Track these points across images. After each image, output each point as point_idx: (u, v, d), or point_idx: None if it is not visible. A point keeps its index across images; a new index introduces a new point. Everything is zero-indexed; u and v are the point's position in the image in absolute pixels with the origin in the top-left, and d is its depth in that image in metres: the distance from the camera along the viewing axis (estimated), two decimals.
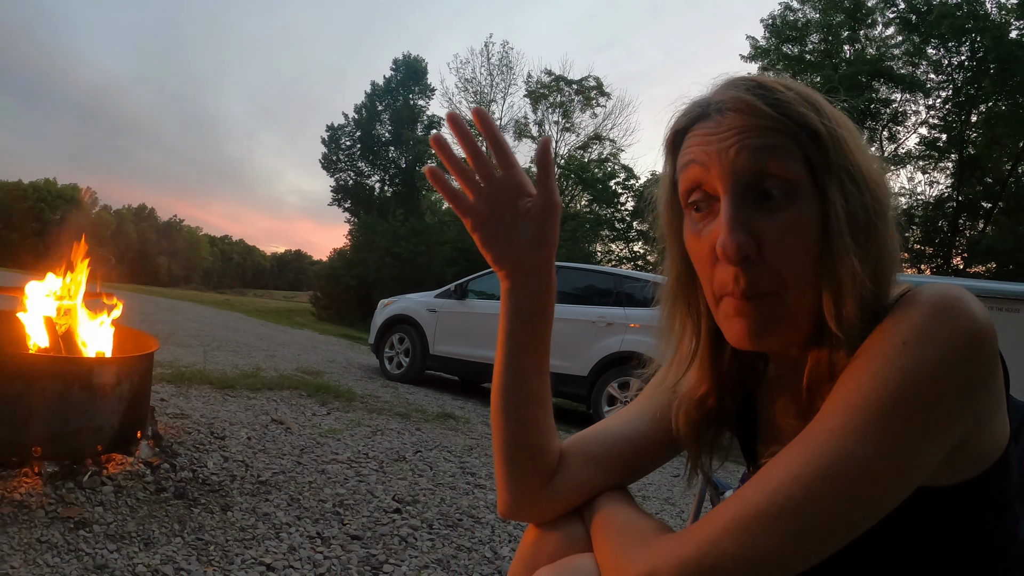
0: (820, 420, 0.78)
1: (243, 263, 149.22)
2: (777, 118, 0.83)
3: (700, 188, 0.88)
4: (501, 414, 1.10)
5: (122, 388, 3.30)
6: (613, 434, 1.14)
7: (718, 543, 0.78)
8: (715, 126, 0.86)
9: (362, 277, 28.62)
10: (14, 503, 2.73)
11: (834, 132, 0.83)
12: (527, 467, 1.09)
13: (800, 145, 0.82)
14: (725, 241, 0.82)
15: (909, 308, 0.77)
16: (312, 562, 2.79)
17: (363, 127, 42.10)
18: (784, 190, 0.82)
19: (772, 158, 0.82)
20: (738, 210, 0.83)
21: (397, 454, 4.78)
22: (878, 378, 0.74)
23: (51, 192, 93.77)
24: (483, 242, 1.05)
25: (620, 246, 33.12)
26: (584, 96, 34.02)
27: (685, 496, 5.22)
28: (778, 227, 0.82)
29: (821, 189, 0.82)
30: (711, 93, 0.91)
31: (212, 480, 3.45)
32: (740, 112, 0.84)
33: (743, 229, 0.82)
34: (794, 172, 0.82)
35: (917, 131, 26.94)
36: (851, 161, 0.83)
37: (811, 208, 0.82)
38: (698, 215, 0.90)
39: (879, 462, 0.72)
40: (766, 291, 0.83)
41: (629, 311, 8.03)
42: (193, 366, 6.99)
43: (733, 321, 0.87)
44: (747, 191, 0.84)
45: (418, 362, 9.41)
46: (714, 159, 0.85)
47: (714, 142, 0.85)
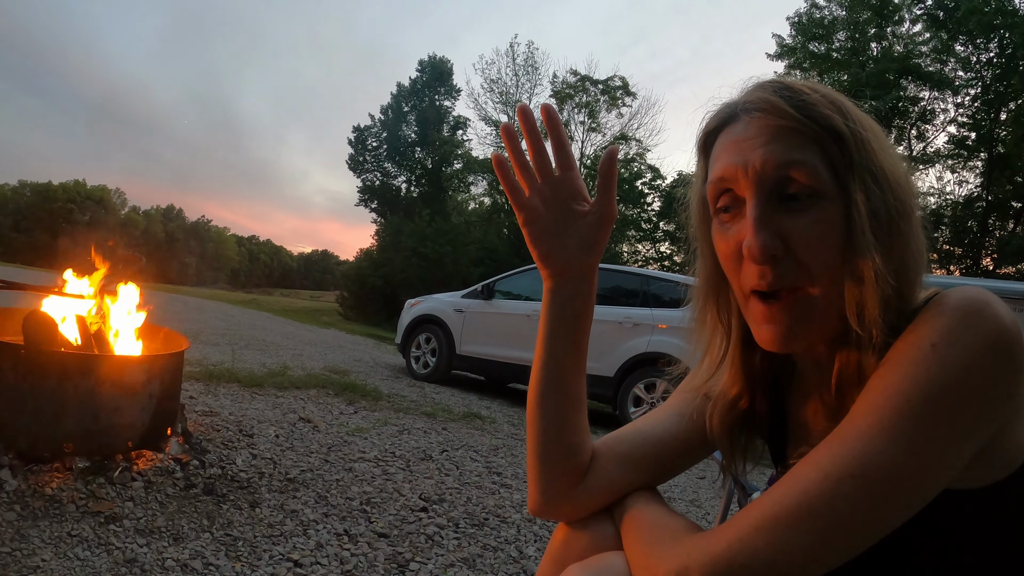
0: (850, 421, 0.79)
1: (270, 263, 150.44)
2: (802, 120, 0.84)
3: (729, 192, 0.90)
4: (538, 413, 1.11)
5: (152, 386, 3.33)
6: (645, 434, 1.15)
7: (748, 541, 0.78)
8: (743, 129, 0.89)
9: (388, 277, 28.76)
10: (46, 497, 2.77)
11: (858, 134, 0.85)
12: (560, 467, 1.10)
13: (824, 147, 0.84)
14: (751, 241, 0.85)
15: (937, 312, 0.77)
16: (339, 559, 2.80)
17: (389, 128, 42.30)
18: (808, 191, 0.84)
19: (797, 161, 0.84)
20: (763, 211, 0.85)
21: (424, 453, 4.79)
22: (907, 381, 0.74)
23: (80, 193, 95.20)
24: (532, 238, 1.06)
25: (647, 246, 33.04)
26: (610, 96, 33.89)
27: (711, 498, 5.18)
28: (803, 227, 0.84)
29: (844, 189, 0.84)
30: (739, 96, 0.93)
31: (241, 477, 3.47)
32: (766, 113, 0.87)
33: (769, 229, 0.84)
34: (818, 174, 0.84)
35: (946, 129, 26.56)
36: (875, 162, 0.84)
37: (835, 208, 0.84)
38: (726, 216, 0.92)
39: (908, 464, 0.73)
40: (792, 285, 0.85)
41: (656, 312, 7.98)
42: (222, 364, 7.05)
43: (762, 326, 0.89)
44: (772, 193, 0.86)
45: (444, 362, 9.43)
46: (740, 164, 0.87)
47: (743, 150, 0.88)
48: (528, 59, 36.10)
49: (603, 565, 0.98)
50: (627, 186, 32.35)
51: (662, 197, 32.10)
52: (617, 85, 33.73)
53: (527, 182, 1.07)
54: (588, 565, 0.99)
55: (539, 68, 36.23)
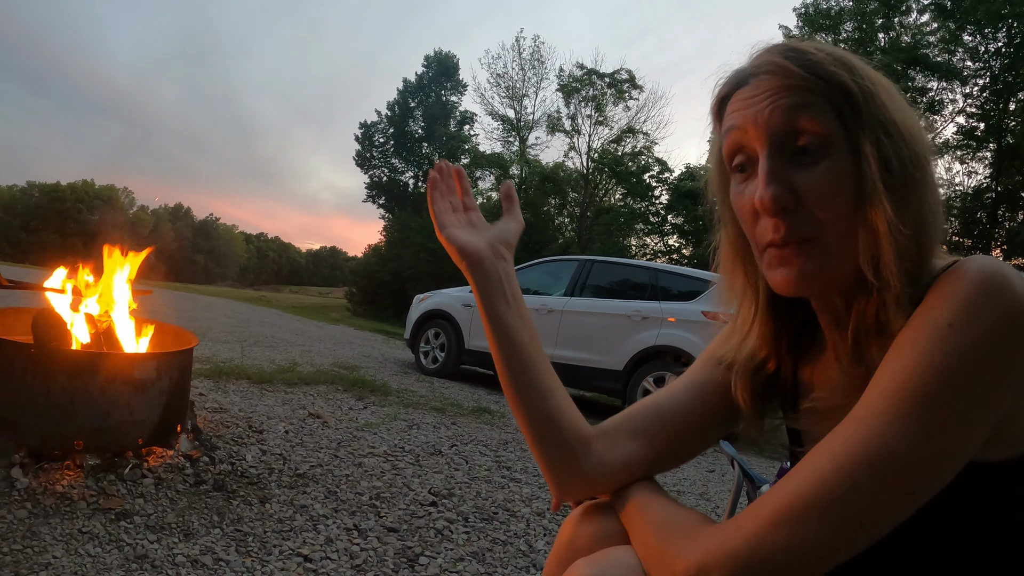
0: (864, 406, 0.78)
1: (279, 260, 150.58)
2: (807, 77, 0.85)
3: (742, 151, 0.92)
4: (515, 395, 1.13)
5: (162, 383, 3.34)
6: (661, 409, 1.14)
7: (767, 535, 0.78)
8: (752, 90, 0.90)
9: (397, 273, 28.78)
10: (56, 495, 2.78)
11: (866, 88, 0.85)
12: (558, 443, 1.10)
13: (831, 101, 0.85)
14: (762, 193, 0.86)
15: (953, 283, 0.76)
16: (349, 554, 2.81)
17: (396, 124, 42.22)
18: (818, 144, 0.85)
19: (804, 114, 0.85)
20: (774, 165, 0.86)
21: (433, 448, 4.80)
22: (922, 363, 0.74)
23: (89, 193, 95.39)
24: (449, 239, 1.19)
25: (655, 240, 32.86)
26: (617, 89, 33.72)
27: (721, 492, 5.18)
28: (814, 179, 0.84)
29: (854, 141, 0.84)
30: (748, 61, 0.94)
31: (250, 473, 3.48)
32: (773, 74, 0.88)
33: (779, 182, 0.85)
34: (826, 126, 0.84)
35: (954, 120, 26.16)
36: (885, 114, 0.85)
37: (845, 160, 0.84)
38: (741, 176, 0.93)
39: (924, 449, 0.72)
40: (806, 236, 0.85)
41: (664, 305, 7.96)
42: (231, 361, 7.08)
43: (776, 269, 0.89)
44: (782, 147, 0.87)
45: (453, 357, 9.44)
46: (750, 121, 0.88)
47: (751, 105, 0.89)
48: (534, 53, 36.02)
49: (611, 559, 0.97)
50: (635, 179, 32.23)
51: (670, 190, 31.97)
52: (624, 78, 33.56)
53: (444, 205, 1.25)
54: (595, 560, 0.99)
55: (545, 62, 36.15)
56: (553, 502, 1.16)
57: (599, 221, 32.20)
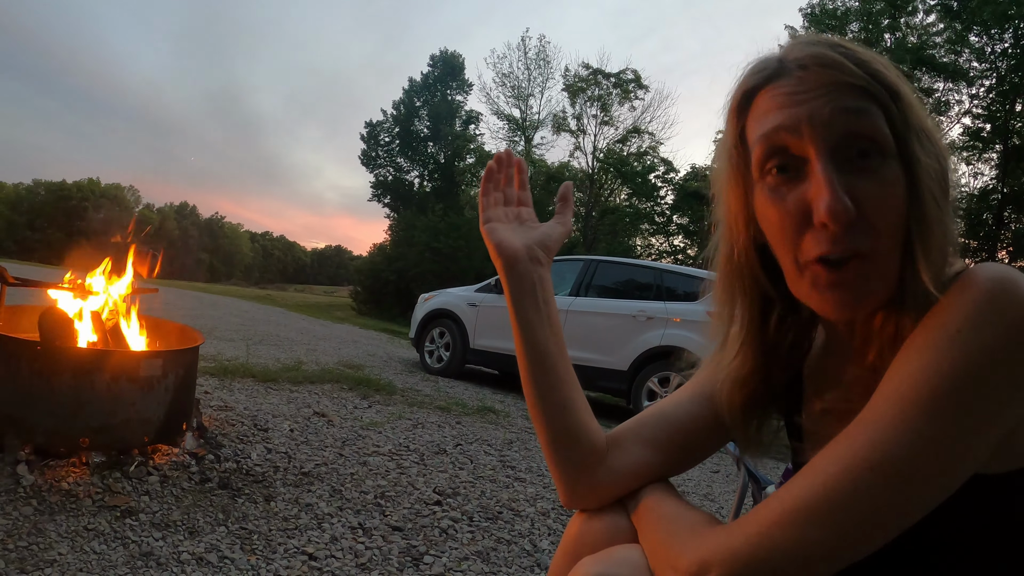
0: (871, 411, 0.77)
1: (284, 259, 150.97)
2: (864, 77, 0.80)
3: (786, 152, 0.84)
4: (536, 404, 1.13)
5: (168, 381, 3.34)
6: (668, 417, 1.14)
7: (769, 536, 0.77)
8: (797, 83, 0.83)
9: (402, 272, 28.78)
10: (62, 492, 2.79)
11: (908, 94, 0.82)
12: (573, 454, 1.11)
13: (883, 104, 0.80)
14: (829, 204, 0.77)
15: (964, 291, 0.74)
16: (354, 552, 2.81)
17: (402, 123, 42.18)
18: (875, 150, 0.80)
19: (863, 117, 0.80)
20: (835, 171, 0.79)
21: (438, 447, 4.80)
22: (930, 369, 0.72)
23: (94, 191, 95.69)
24: (488, 232, 1.21)
25: (660, 240, 32.89)
26: (622, 89, 33.76)
27: (725, 492, 5.17)
28: (873, 187, 0.79)
29: (905, 149, 0.80)
30: (784, 51, 0.87)
31: (256, 471, 3.48)
32: (827, 68, 0.81)
33: (841, 192, 0.78)
34: (883, 132, 0.80)
35: (960, 121, 26.09)
36: (922, 124, 0.82)
37: (898, 168, 0.80)
38: (781, 179, 0.85)
39: (930, 456, 0.71)
40: (862, 250, 0.79)
41: (669, 305, 7.94)
42: (236, 360, 7.08)
43: (828, 292, 0.82)
44: (838, 150, 0.80)
45: (458, 356, 9.43)
46: (804, 120, 0.81)
47: (802, 101, 0.82)
48: (540, 53, 36.14)
49: (618, 557, 0.98)
50: (640, 179, 32.22)
51: (675, 190, 31.94)
52: (629, 78, 33.61)
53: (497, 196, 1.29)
54: (602, 557, 0.99)
55: (551, 62, 36.27)
56: (562, 501, 1.16)
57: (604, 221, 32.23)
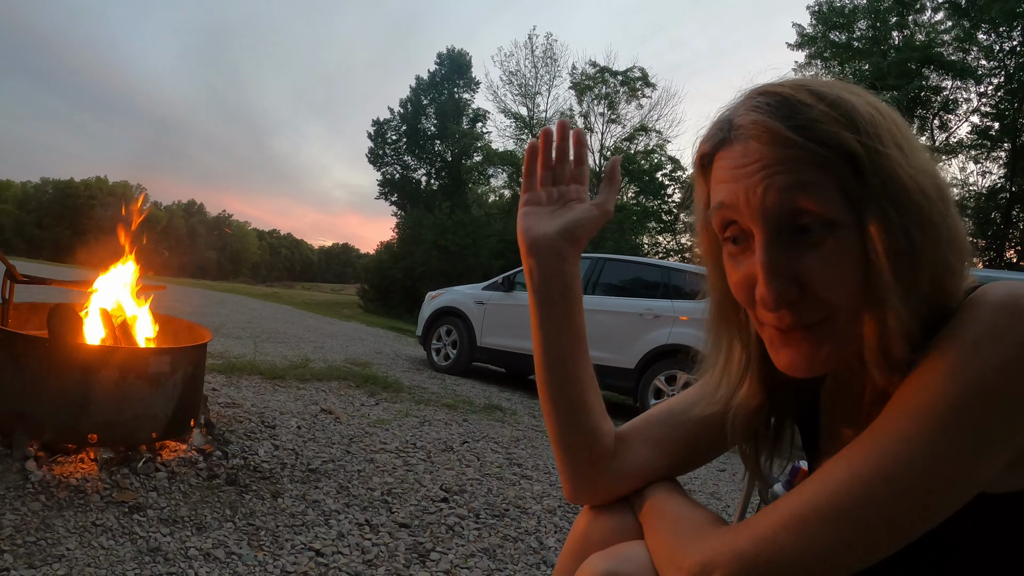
0: (884, 420, 0.76)
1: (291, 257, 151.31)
2: (806, 146, 0.75)
3: (735, 224, 0.84)
4: (549, 401, 1.12)
5: (176, 377, 3.35)
6: (676, 416, 1.14)
7: (775, 539, 0.77)
8: (740, 157, 0.81)
9: (409, 270, 28.82)
10: (70, 488, 2.80)
11: (873, 151, 0.75)
12: (583, 451, 1.10)
13: (834, 172, 0.76)
14: (763, 292, 0.79)
15: (977, 308, 0.73)
16: (360, 548, 2.81)
17: (409, 121, 42.18)
18: (821, 222, 0.76)
19: (804, 193, 0.76)
20: (773, 254, 0.79)
21: (445, 444, 4.80)
22: (945, 380, 0.71)
23: (103, 189, 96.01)
24: (522, 214, 1.16)
25: (667, 238, 32.77)
26: (629, 87, 33.61)
27: (732, 491, 5.16)
28: (818, 263, 0.77)
29: (859, 216, 0.76)
30: (732, 111, 0.85)
31: (263, 467, 3.49)
32: (762, 142, 0.78)
33: (781, 274, 0.78)
34: (829, 204, 0.76)
35: (968, 119, 25.99)
36: (895, 181, 0.75)
37: (851, 236, 0.77)
38: (735, 248, 0.85)
39: (942, 466, 0.70)
40: (813, 321, 0.80)
41: (677, 303, 7.92)
42: (244, 357, 7.10)
43: (781, 351, 0.84)
44: (781, 230, 0.79)
45: (465, 354, 9.44)
46: (742, 200, 0.80)
47: (741, 178, 0.80)
48: (547, 51, 35.93)
49: (625, 554, 0.98)
50: (647, 178, 32.13)
51: (683, 188, 31.86)
52: (636, 76, 33.45)
53: (543, 176, 1.18)
54: (609, 555, 0.99)
55: (558, 60, 36.05)
56: (566, 495, 1.16)
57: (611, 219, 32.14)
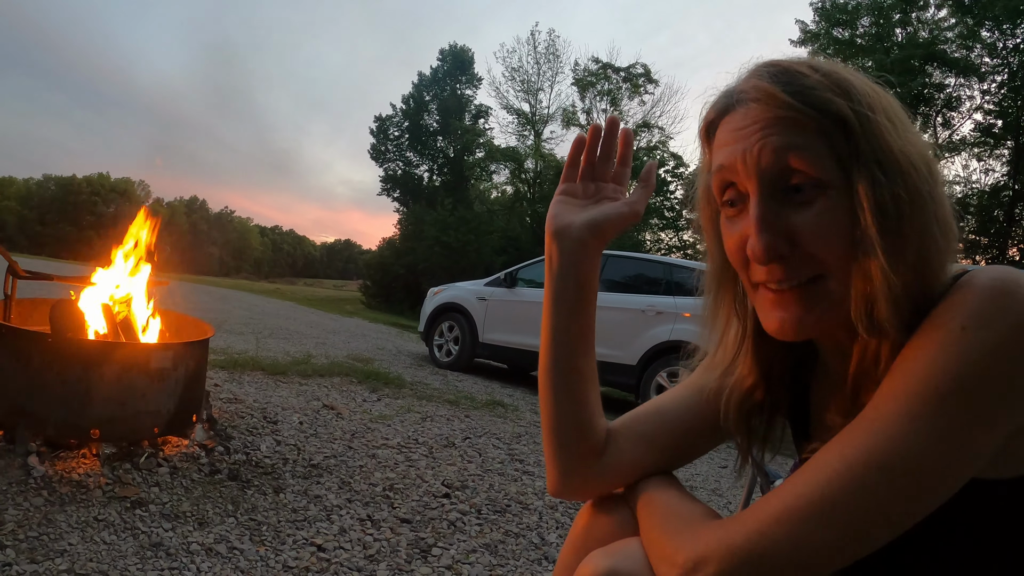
0: (875, 407, 0.76)
1: (293, 253, 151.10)
2: (800, 108, 0.80)
3: (732, 187, 0.87)
4: (549, 391, 1.11)
5: (178, 373, 3.36)
6: (664, 413, 1.14)
7: (768, 533, 0.77)
8: (740, 119, 0.85)
9: (411, 266, 28.80)
10: (72, 483, 2.80)
11: (864, 116, 0.79)
12: (575, 445, 1.10)
13: (826, 134, 0.80)
14: (754, 244, 0.82)
15: (965, 292, 0.74)
16: (362, 544, 2.82)
17: (411, 117, 42.14)
18: (812, 182, 0.80)
19: (797, 152, 0.80)
20: (766, 210, 0.82)
21: (446, 440, 4.80)
22: (934, 365, 0.72)
23: (104, 186, 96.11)
24: (554, 202, 1.14)
25: (670, 235, 32.74)
26: (632, 84, 33.57)
27: (733, 488, 5.15)
28: (808, 221, 0.80)
29: (849, 179, 0.79)
30: (737, 82, 0.89)
31: (265, 463, 3.50)
32: (761, 103, 0.83)
33: (772, 229, 0.81)
34: (820, 165, 0.79)
35: (972, 117, 25.76)
36: (883, 147, 0.79)
37: (841, 197, 0.80)
38: (731, 211, 0.89)
39: (935, 453, 0.70)
40: (805, 279, 0.82)
41: (679, 300, 7.91)
42: (246, 353, 7.11)
43: (771, 313, 0.86)
44: (775, 188, 0.82)
45: (467, 350, 9.44)
46: (739, 159, 0.84)
47: (739, 139, 0.84)
48: (549, 47, 35.87)
49: (626, 550, 0.97)
50: None
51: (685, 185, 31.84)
52: (639, 72, 33.39)
53: (584, 170, 1.16)
54: (610, 551, 0.99)
55: (560, 56, 36.01)
56: (549, 488, 1.16)
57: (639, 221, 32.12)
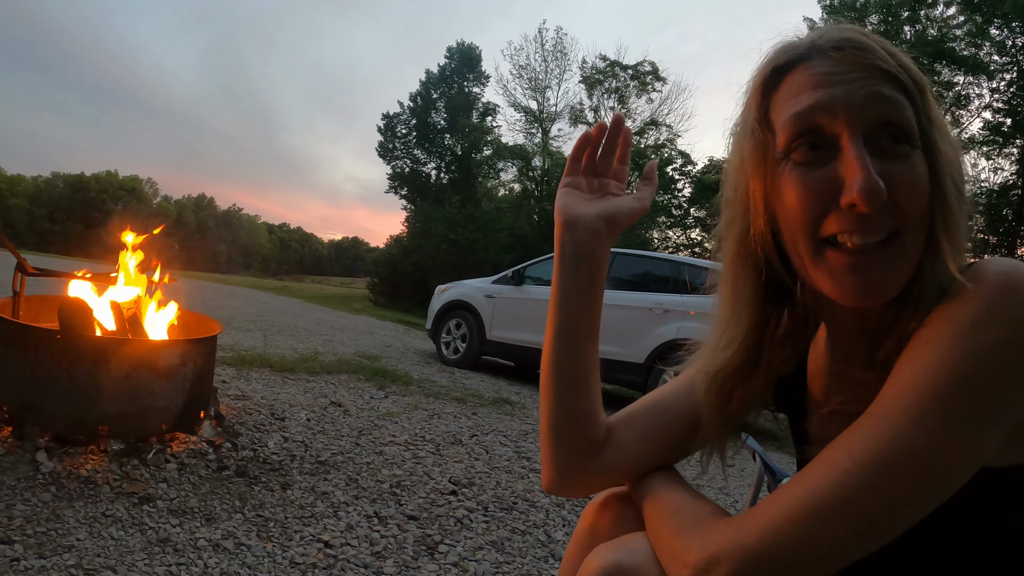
0: (881, 404, 0.76)
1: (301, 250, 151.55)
2: (896, 66, 0.81)
3: (818, 131, 0.81)
4: (552, 383, 1.10)
5: (186, 370, 3.36)
6: (662, 410, 1.13)
7: (780, 532, 0.76)
8: (833, 64, 0.82)
9: (419, 263, 28.84)
10: (80, 479, 2.81)
11: (929, 92, 0.83)
12: (574, 439, 1.09)
13: (911, 95, 0.81)
14: (863, 183, 0.75)
15: (975, 285, 0.73)
16: (369, 540, 2.82)
17: (418, 115, 42.16)
18: (905, 138, 0.80)
19: (895, 105, 0.80)
20: (868, 152, 0.78)
21: (453, 437, 4.81)
22: (943, 361, 0.71)
23: (113, 184, 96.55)
24: (560, 192, 1.16)
25: (677, 233, 32.75)
26: (639, 81, 33.51)
27: (740, 486, 5.15)
28: (904, 172, 0.78)
29: (928, 139, 0.81)
30: (815, 34, 0.87)
31: (272, 459, 3.50)
32: (863, 51, 0.81)
33: (874, 172, 0.76)
34: (911, 122, 0.80)
35: (981, 115, 25.64)
36: (941, 122, 0.83)
37: (920, 156, 0.80)
38: (810, 156, 0.82)
39: (944, 449, 0.70)
40: (891, 230, 0.78)
41: (686, 298, 7.88)
42: (253, 350, 7.12)
43: (846, 278, 0.80)
44: (872, 136, 0.79)
45: (475, 347, 9.43)
46: (840, 101, 0.80)
47: (835, 83, 0.81)
48: (557, 45, 35.84)
49: (631, 545, 0.97)
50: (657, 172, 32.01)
51: (693, 183, 31.76)
52: (647, 70, 33.33)
53: (586, 165, 1.19)
54: (616, 545, 0.98)
55: (568, 54, 35.95)
56: (544, 485, 1.14)
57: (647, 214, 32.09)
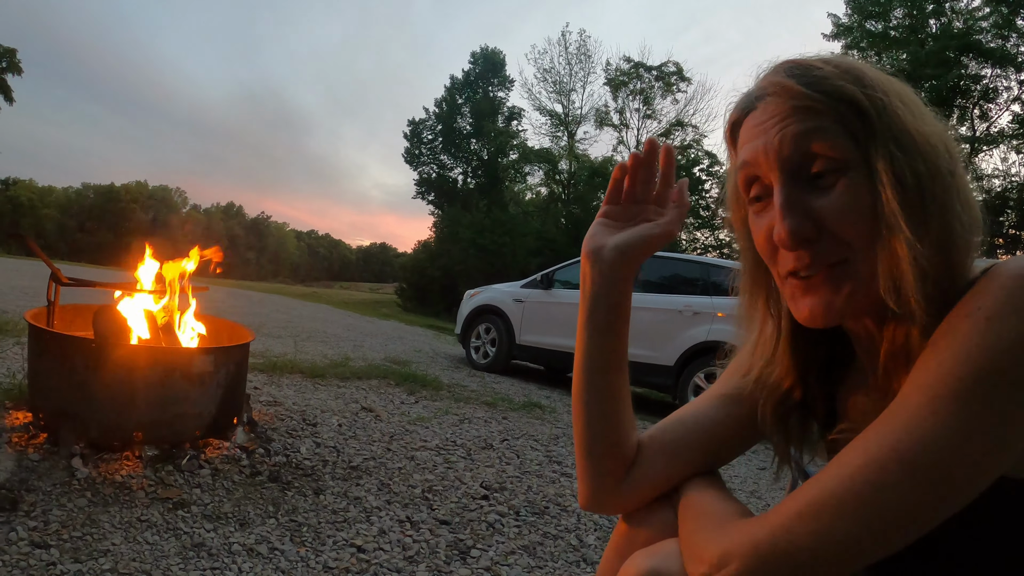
0: (899, 402, 0.75)
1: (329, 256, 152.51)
2: (813, 96, 0.81)
3: (757, 181, 0.89)
4: (582, 408, 1.12)
5: (219, 377, 3.39)
6: (687, 425, 1.14)
7: (791, 528, 0.77)
8: (760, 115, 0.87)
9: (447, 268, 28.95)
10: (116, 484, 2.84)
11: (878, 99, 0.80)
12: (605, 462, 1.11)
13: (841, 118, 0.81)
14: (779, 228, 0.82)
15: (992, 282, 0.72)
16: (401, 545, 2.82)
17: (444, 120, 42.30)
18: (833, 165, 0.81)
19: (814, 138, 0.81)
20: (789, 195, 0.83)
21: (484, 442, 4.80)
22: (960, 357, 0.70)
23: (143, 193, 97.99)
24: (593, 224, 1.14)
25: (705, 234, 32.55)
26: (664, 82, 33.41)
27: (772, 489, 5.10)
28: (832, 203, 0.81)
29: (867, 159, 0.80)
30: (755, 83, 0.91)
31: (305, 465, 3.52)
32: (778, 96, 0.85)
33: (796, 213, 0.82)
34: (839, 147, 0.80)
35: (1010, 108, 25.19)
36: (899, 126, 0.80)
37: (862, 179, 0.80)
38: (758, 206, 0.90)
39: (960, 448, 0.68)
40: (833, 261, 0.82)
41: (716, 300, 7.83)
42: (284, 356, 7.16)
43: (800, 300, 0.86)
44: (797, 175, 0.84)
45: (504, 352, 9.43)
46: (761, 152, 0.86)
47: (760, 134, 0.86)
48: (580, 47, 35.94)
49: (667, 551, 0.98)
50: (684, 173, 31.88)
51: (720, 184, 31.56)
52: (671, 71, 33.25)
53: (627, 192, 1.13)
54: (652, 552, 0.99)
55: (592, 56, 36.02)
56: (580, 502, 1.16)
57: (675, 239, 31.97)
